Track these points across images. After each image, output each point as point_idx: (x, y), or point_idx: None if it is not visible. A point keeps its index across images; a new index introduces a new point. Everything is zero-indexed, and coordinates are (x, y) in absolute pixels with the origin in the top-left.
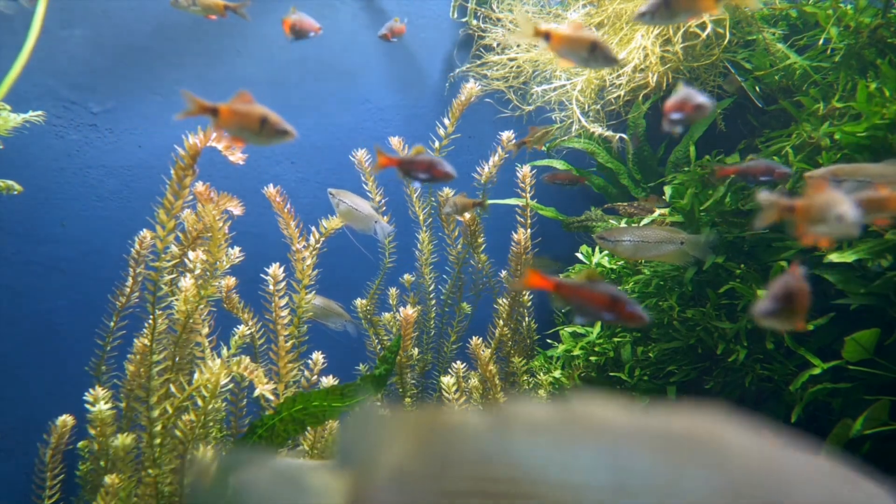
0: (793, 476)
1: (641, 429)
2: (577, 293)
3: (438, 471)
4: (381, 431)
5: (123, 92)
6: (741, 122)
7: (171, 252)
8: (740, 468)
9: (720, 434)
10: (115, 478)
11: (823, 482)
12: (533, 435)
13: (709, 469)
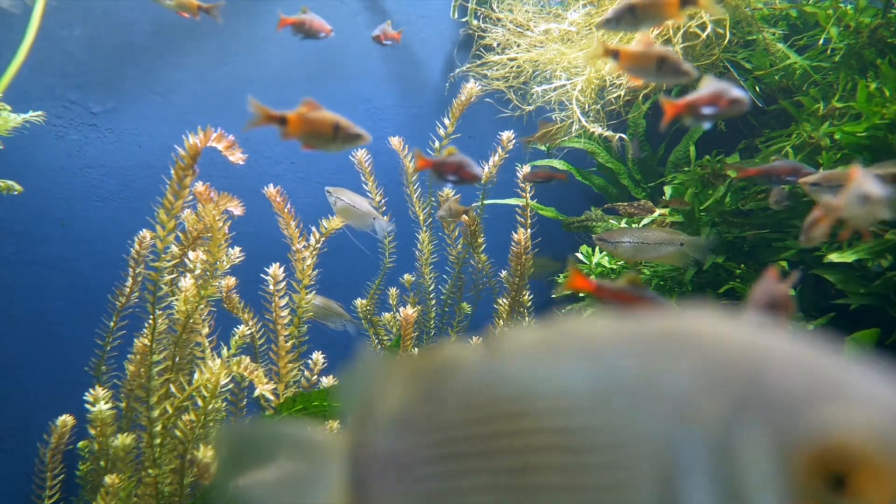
0: (771, 355)
1: (623, 334)
2: (618, 297)
3: (433, 408)
4: (378, 378)
5: (123, 92)
6: (741, 122)
7: (172, 252)
8: (718, 356)
9: (699, 327)
10: (115, 478)
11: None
12: (520, 356)
13: (686, 362)
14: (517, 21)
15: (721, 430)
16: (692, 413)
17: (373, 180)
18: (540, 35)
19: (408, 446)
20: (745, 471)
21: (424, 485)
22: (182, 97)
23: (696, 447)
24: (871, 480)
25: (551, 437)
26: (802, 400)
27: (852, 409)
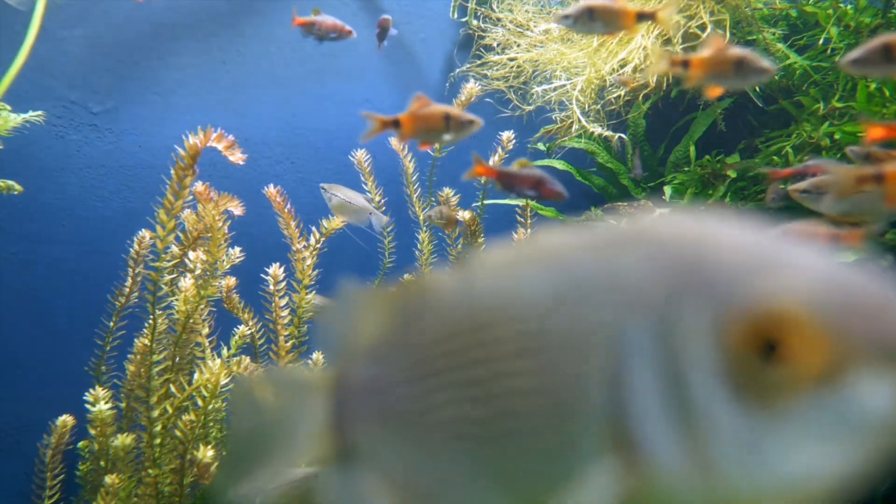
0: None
1: (578, 238)
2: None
3: (407, 332)
4: (357, 311)
5: (123, 92)
6: (741, 122)
7: (171, 252)
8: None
9: (649, 224)
10: (115, 478)
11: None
12: (487, 273)
13: (635, 254)
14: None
15: (663, 313)
16: (638, 300)
17: (372, 180)
18: (540, 35)
19: (384, 371)
20: (684, 349)
21: (400, 405)
22: (182, 97)
23: (642, 333)
24: (801, 344)
25: (513, 343)
26: (737, 274)
27: (782, 278)
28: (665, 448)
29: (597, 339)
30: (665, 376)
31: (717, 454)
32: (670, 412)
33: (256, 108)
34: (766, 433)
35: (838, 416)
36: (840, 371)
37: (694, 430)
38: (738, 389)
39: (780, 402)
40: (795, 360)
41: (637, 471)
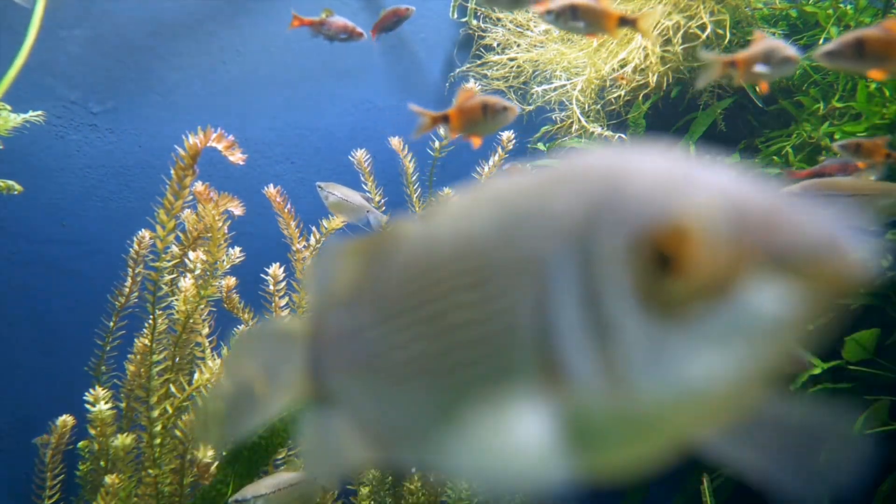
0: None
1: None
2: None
3: (375, 280)
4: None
5: (123, 92)
6: (741, 122)
7: (172, 252)
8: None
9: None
10: (115, 478)
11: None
12: (445, 218)
13: (566, 187)
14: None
15: (583, 237)
16: (561, 228)
17: (372, 180)
18: (540, 35)
19: (353, 317)
20: (599, 269)
21: (368, 347)
22: (182, 97)
23: (565, 258)
24: (696, 256)
25: (460, 279)
26: (644, 196)
27: (682, 196)
28: (584, 366)
29: (527, 268)
30: (584, 297)
31: (628, 368)
32: (588, 331)
33: (256, 108)
34: (670, 343)
35: (732, 322)
36: (732, 280)
37: (608, 347)
38: (645, 304)
39: (680, 313)
40: (692, 272)
41: (561, 390)
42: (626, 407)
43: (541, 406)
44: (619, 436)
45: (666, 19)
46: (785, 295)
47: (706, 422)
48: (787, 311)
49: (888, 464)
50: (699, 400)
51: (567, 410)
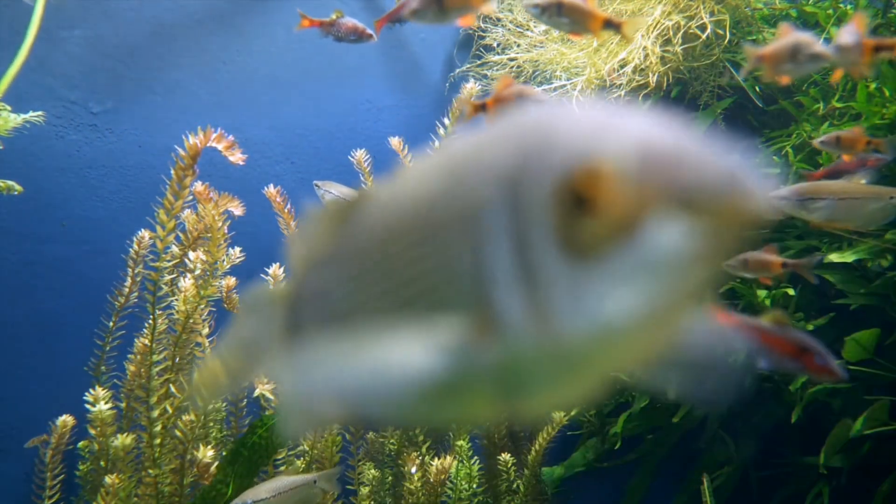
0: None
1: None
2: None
3: (346, 241)
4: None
5: (123, 92)
6: (741, 122)
7: (172, 252)
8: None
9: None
10: (115, 478)
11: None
12: (407, 178)
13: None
14: (517, 21)
15: (513, 185)
16: (496, 178)
17: (372, 180)
18: (540, 35)
19: (326, 278)
20: (526, 214)
21: (339, 304)
22: (182, 97)
23: (498, 206)
24: (607, 197)
25: (412, 235)
26: (566, 143)
27: (598, 141)
28: (513, 309)
29: (465, 219)
30: (513, 243)
31: (552, 308)
32: (517, 275)
33: (257, 108)
34: (588, 283)
35: (642, 259)
36: (640, 218)
37: (534, 290)
38: (566, 246)
39: (595, 253)
40: (604, 212)
41: (497, 334)
42: (552, 346)
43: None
44: (548, 374)
45: (666, 19)
46: (690, 231)
47: (626, 357)
48: (693, 246)
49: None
50: (617, 335)
51: (502, 353)
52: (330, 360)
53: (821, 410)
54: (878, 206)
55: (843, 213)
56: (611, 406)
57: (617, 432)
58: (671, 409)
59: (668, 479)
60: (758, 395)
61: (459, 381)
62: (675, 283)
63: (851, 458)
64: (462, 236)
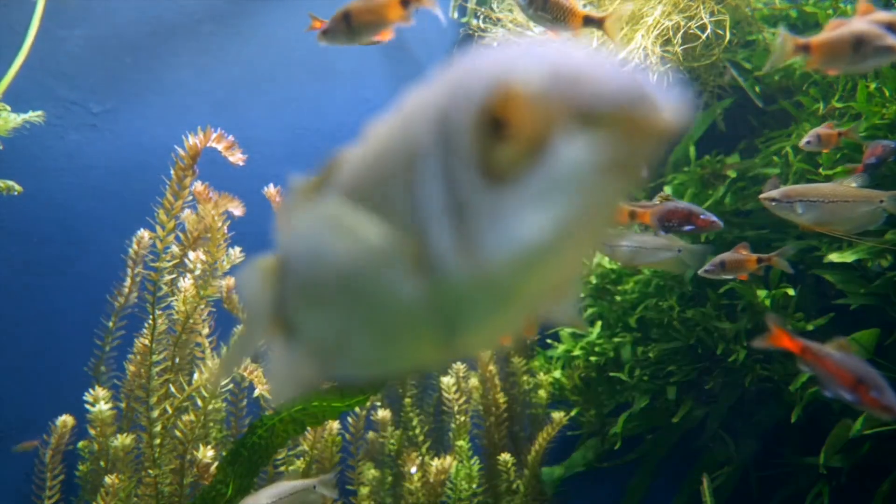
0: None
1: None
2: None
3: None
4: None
5: (123, 92)
6: (741, 122)
7: (171, 252)
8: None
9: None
10: (115, 478)
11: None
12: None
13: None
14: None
15: (444, 123)
16: (431, 118)
17: None
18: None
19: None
20: (453, 148)
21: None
22: (182, 97)
23: (431, 145)
24: (518, 119)
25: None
26: (486, 72)
27: (513, 68)
28: (443, 240)
29: (407, 161)
30: (443, 176)
31: (477, 237)
32: (446, 207)
33: (256, 108)
34: (507, 207)
35: (554, 177)
36: (549, 136)
37: (461, 219)
38: (486, 172)
39: (512, 176)
40: (517, 133)
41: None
42: (480, 275)
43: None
44: (481, 305)
45: (666, 19)
46: (596, 144)
47: (550, 278)
48: (600, 159)
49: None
50: (538, 255)
51: (438, 288)
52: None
53: (821, 410)
54: (867, 209)
55: (832, 215)
56: (611, 406)
57: (617, 432)
58: (671, 409)
59: (668, 479)
60: (758, 395)
61: (401, 319)
62: (587, 198)
63: (851, 458)
64: (403, 179)
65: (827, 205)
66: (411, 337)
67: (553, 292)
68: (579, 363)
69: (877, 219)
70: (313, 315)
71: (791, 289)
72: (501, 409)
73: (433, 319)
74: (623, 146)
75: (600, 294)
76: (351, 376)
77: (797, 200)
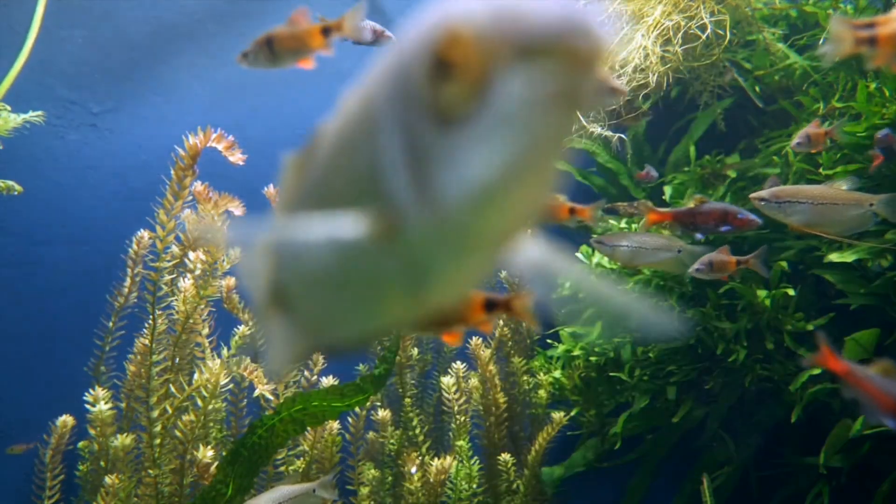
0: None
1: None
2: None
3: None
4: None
5: (123, 92)
6: (741, 122)
7: (172, 252)
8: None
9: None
10: (115, 478)
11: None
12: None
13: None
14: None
15: (402, 77)
16: (392, 75)
17: None
18: None
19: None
20: (408, 98)
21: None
22: (182, 97)
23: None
24: (462, 58)
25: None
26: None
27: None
28: (402, 191)
29: (370, 121)
30: (400, 129)
31: (433, 182)
32: (403, 159)
33: (256, 108)
34: (459, 148)
35: (499, 114)
36: (493, 72)
37: (418, 168)
38: (438, 116)
39: (461, 115)
40: (462, 73)
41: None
42: (440, 220)
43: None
44: (444, 254)
45: (666, 19)
46: (537, 77)
47: (507, 218)
48: (542, 91)
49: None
50: (492, 193)
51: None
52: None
53: (821, 410)
54: (856, 212)
55: (820, 217)
56: (611, 406)
57: (617, 432)
58: (671, 409)
59: (668, 479)
60: (758, 395)
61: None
62: (534, 131)
63: (851, 458)
64: (367, 139)
65: (816, 207)
66: (385, 296)
67: (510, 234)
68: (579, 363)
69: (866, 222)
70: (303, 290)
71: (791, 289)
72: (501, 409)
73: (399, 273)
74: (564, 76)
75: None
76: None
77: (785, 202)
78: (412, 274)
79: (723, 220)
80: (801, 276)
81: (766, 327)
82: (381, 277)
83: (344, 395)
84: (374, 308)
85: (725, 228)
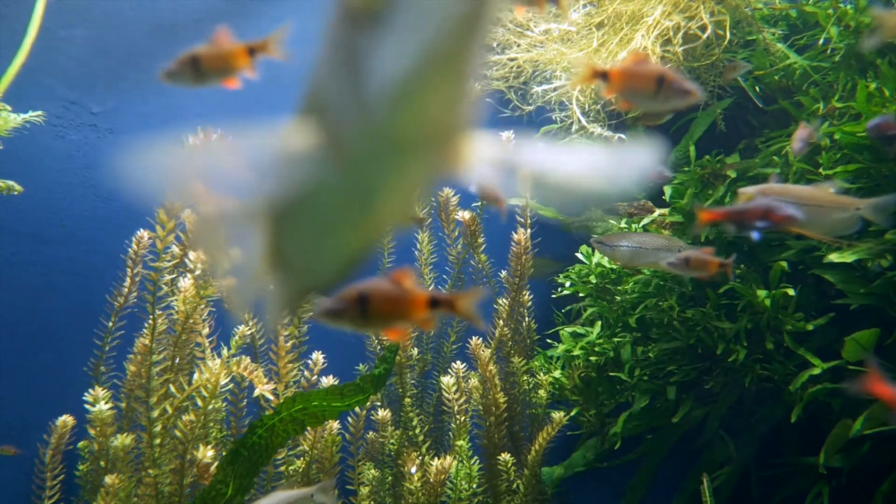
0: None
1: None
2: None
3: None
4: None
5: (123, 92)
6: (741, 122)
7: (172, 252)
8: None
9: None
10: (115, 478)
11: None
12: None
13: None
14: (517, 21)
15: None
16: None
17: None
18: (540, 35)
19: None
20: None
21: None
22: (182, 97)
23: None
24: None
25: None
26: None
27: None
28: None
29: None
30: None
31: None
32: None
33: (257, 108)
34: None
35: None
36: None
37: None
38: (356, 19)
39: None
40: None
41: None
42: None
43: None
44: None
45: (666, 19)
46: None
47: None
48: None
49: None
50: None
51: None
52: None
53: (821, 410)
54: (842, 216)
55: (807, 218)
56: (611, 406)
57: (617, 432)
58: (671, 409)
59: (668, 479)
60: (758, 395)
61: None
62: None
63: (851, 458)
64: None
65: (803, 207)
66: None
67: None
68: (579, 363)
69: (852, 225)
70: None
71: (791, 289)
72: (501, 409)
73: (353, 192)
74: None
75: (600, 294)
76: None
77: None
78: (360, 189)
79: (765, 216)
80: (801, 276)
81: (766, 327)
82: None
83: (344, 395)
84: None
85: (764, 224)
